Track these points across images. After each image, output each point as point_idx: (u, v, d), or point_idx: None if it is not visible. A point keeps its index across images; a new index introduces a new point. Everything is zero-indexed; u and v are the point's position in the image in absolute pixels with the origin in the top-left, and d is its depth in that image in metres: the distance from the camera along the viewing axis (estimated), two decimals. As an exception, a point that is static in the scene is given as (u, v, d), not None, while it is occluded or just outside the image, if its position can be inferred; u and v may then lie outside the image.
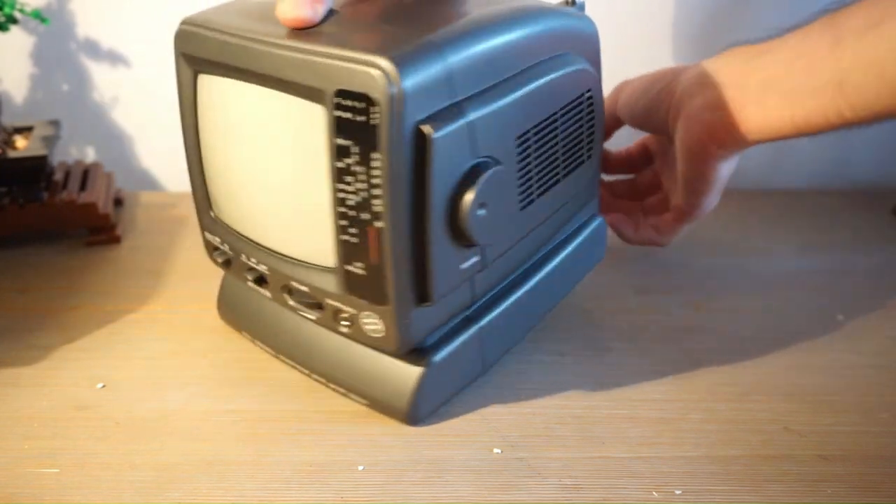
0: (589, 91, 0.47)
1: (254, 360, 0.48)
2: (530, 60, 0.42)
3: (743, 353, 0.50)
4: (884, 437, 0.43)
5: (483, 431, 0.43)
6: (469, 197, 0.38)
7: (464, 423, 0.43)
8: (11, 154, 0.61)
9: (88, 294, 0.56)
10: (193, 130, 0.44)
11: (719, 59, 0.51)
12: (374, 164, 0.35)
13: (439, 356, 0.43)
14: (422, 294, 0.39)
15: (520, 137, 0.41)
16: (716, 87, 0.49)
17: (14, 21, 0.63)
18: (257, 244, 0.44)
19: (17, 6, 0.62)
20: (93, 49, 0.73)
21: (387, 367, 0.43)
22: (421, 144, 0.36)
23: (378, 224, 0.36)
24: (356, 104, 0.35)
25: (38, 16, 0.64)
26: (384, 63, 0.34)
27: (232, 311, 0.51)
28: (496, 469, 0.40)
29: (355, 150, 0.36)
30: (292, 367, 0.47)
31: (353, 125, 0.35)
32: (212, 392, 0.46)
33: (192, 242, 0.64)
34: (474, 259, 0.41)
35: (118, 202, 0.70)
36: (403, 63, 0.34)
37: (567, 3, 0.48)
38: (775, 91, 0.46)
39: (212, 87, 0.42)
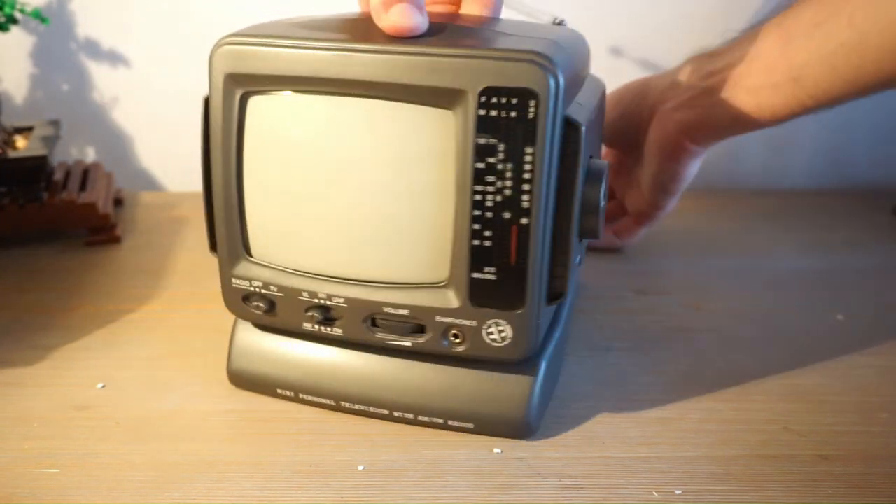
0: (602, 111, 0.48)
1: (254, 360, 0.48)
2: (586, 74, 0.45)
3: (743, 353, 0.50)
4: (883, 437, 0.43)
5: (483, 431, 0.43)
6: (599, 189, 0.39)
7: (464, 423, 0.43)
8: (12, 154, 0.61)
9: (88, 294, 0.57)
10: (234, 163, 0.40)
11: (686, 66, 0.55)
12: (527, 158, 0.36)
13: (544, 361, 0.42)
14: (555, 292, 0.39)
15: (598, 138, 0.44)
16: (686, 89, 0.53)
17: (14, 21, 0.63)
18: (331, 277, 0.41)
19: (18, 6, 0.62)
20: (93, 49, 0.73)
21: (495, 383, 0.41)
22: (572, 136, 0.37)
23: (524, 221, 0.37)
24: (508, 100, 0.35)
25: (39, 15, 0.64)
26: (539, 58, 0.35)
27: (257, 370, 0.45)
28: (496, 469, 0.40)
29: (502, 147, 0.36)
30: (361, 413, 0.43)
31: (502, 122, 0.35)
32: (211, 392, 0.46)
33: (191, 242, 0.64)
34: (580, 255, 0.42)
35: (118, 202, 0.70)
36: (554, 57, 0.35)
37: (556, 24, 0.49)
38: (740, 88, 0.50)
39: (276, 107, 0.39)
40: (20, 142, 0.64)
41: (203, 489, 0.39)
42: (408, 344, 0.41)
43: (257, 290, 0.42)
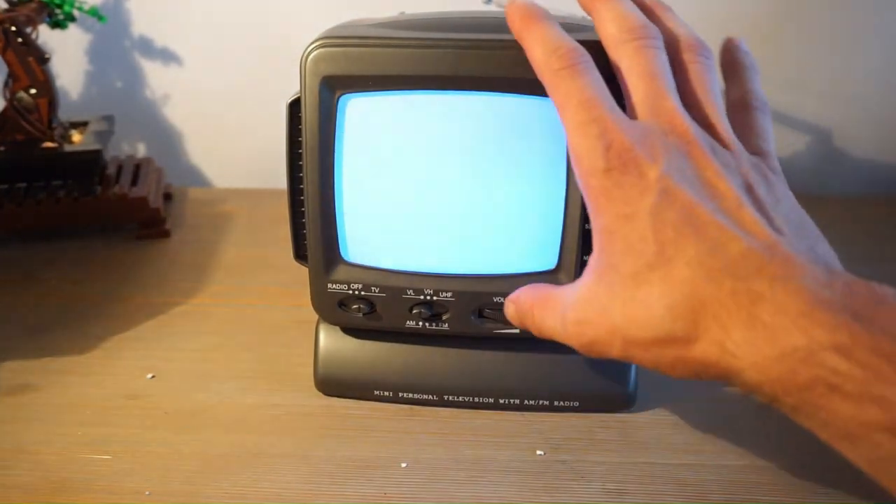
0: None
1: (298, 356, 0.49)
2: None
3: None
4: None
5: (525, 433, 0.43)
6: None
7: (506, 423, 0.43)
8: (68, 148, 0.63)
9: (139, 286, 0.58)
10: (328, 166, 0.40)
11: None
12: None
13: None
14: None
15: None
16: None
17: (73, 19, 0.65)
18: (437, 273, 0.42)
19: (76, 4, 0.64)
20: (146, 47, 0.74)
21: (596, 360, 0.42)
22: None
23: None
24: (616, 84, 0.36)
25: (96, 13, 0.65)
26: None
27: (351, 375, 0.45)
28: (539, 471, 0.40)
29: None
30: (466, 405, 0.44)
31: None
32: (257, 385, 0.47)
33: (238, 238, 0.65)
34: None
35: (167, 197, 0.72)
36: None
37: None
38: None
39: (379, 107, 0.39)
40: (76, 136, 0.66)
41: (249, 480, 0.39)
42: (517, 331, 0.42)
43: (356, 292, 0.42)
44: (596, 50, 0.36)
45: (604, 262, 0.33)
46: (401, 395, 0.45)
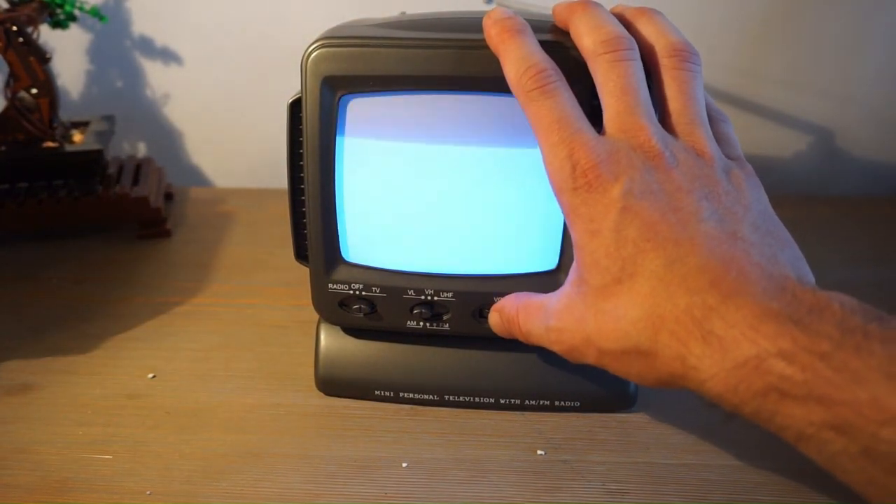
0: None
1: (299, 356, 0.49)
2: None
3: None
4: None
5: (526, 433, 0.43)
6: None
7: (507, 423, 0.44)
8: (69, 148, 0.63)
9: (140, 286, 0.58)
10: (329, 166, 0.40)
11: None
12: None
13: None
14: None
15: None
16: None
17: (74, 19, 0.65)
18: (438, 273, 0.42)
19: (77, 4, 0.64)
20: (147, 47, 0.74)
21: None
22: None
23: None
24: None
25: (97, 13, 0.66)
26: None
27: (352, 375, 0.45)
28: (540, 471, 0.40)
29: None
30: (466, 405, 0.44)
31: None
32: (258, 385, 0.47)
33: (239, 237, 0.65)
34: None
35: (168, 197, 0.72)
36: None
37: None
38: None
39: (379, 107, 0.39)
40: (77, 136, 0.66)
41: (250, 480, 0.39)
42: None
43: (357, 292, 0.42)
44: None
45: (579, 274, 0.35)
46: (401, 394, 0.45)
